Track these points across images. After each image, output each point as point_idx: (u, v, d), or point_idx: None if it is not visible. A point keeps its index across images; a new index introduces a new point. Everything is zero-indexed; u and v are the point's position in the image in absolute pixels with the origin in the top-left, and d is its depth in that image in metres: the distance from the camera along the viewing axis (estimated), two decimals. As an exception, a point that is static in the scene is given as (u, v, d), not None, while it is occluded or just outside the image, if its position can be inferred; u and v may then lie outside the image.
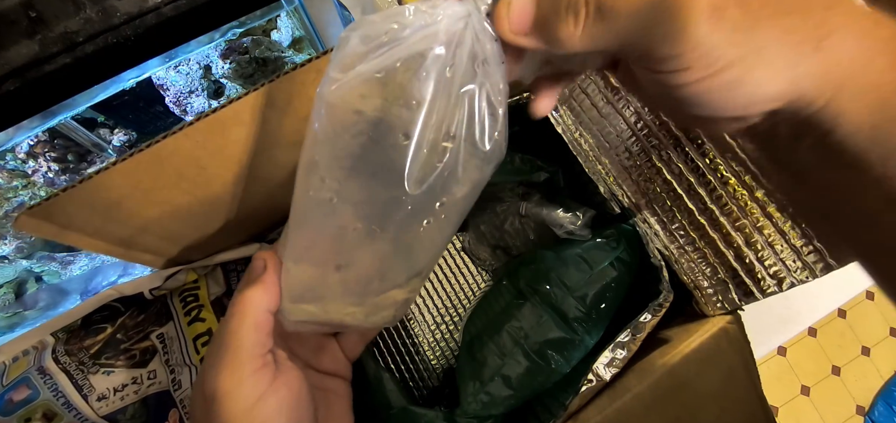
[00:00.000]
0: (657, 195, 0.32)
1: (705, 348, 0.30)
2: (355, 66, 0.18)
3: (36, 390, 0.33)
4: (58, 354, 0.33)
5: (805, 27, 0.16)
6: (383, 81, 0.18)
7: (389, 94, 0.18)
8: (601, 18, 0.17)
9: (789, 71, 0.16)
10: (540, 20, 0.18)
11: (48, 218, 0.25)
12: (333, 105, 0.18)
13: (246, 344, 0.21)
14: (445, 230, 0.22)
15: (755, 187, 0.30)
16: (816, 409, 1.31)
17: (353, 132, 0.18)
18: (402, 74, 0.18)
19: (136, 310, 0.36)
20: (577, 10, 0.17)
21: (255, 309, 0.22)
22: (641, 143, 0.33)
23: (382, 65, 0.17)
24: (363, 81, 0.18)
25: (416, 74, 0.18)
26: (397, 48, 0.17)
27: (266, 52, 0.54)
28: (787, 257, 0.29)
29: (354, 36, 0.18)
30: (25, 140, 0.51)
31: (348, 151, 0.19)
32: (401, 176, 0.18)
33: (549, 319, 0.35)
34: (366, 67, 0.18)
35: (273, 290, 0.22)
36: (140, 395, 0.36)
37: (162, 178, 0.26)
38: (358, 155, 0.19)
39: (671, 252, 0.32)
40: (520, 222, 0.43)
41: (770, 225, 0.29)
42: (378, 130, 0.18)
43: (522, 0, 0.18)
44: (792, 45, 0.16)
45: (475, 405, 0.34)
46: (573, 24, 0.17)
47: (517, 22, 0.18)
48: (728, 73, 0.16)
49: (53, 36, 0.41)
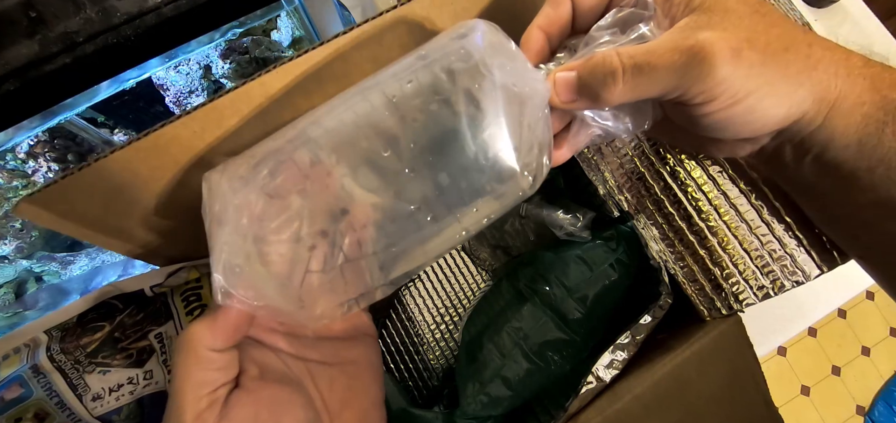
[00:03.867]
0: (656, 199, 0.32)
1: (706, 351, 0.30)
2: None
3: (29, 388, 0.33)
4: (53, 352, 0.33)
5: (798, 60, 0.20)
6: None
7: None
8: (640, 74, 0.20)
9: (791, 97, 0.20)
10: (583, 87, 0.21)
11: (48, 206, 0.25)
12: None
13: (186, 387, 0.20)
14: (450, 238, 0.22)
15: (750, 194, 0.30)
16: (816, 409, 1.31)
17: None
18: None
19: (135, 308, 0.36)
20: (614, 76, 0.20)
21: (196, 347, 0.20)
22: (642, 146, 0.33)
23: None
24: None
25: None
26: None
27: (266, 52, 0.54)
28: (783, 260, 0.29)
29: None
30: (25, 140, 0.51)
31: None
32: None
33: (549, 320, 0.35)
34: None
35: (223, 326, 0.21)
36: (135, 395, 0.36)
37: (160, 168, 0.25)
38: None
39: (669, 255, 0.32)
40: (520, 223, 0.43)
41: (765, 228, 0.29)
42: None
43: (565, 75, 0.22)
44: (792, 76, 0.19)
45: (475, 405, 0.34)
46: (613, 85, 0.20)
47: (563, 93, 0.22)
48: (745, 102, 0.19)
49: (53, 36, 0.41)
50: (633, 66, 0.20)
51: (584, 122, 0.23)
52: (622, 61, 0.20)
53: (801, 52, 0.20)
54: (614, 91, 0.20)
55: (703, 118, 0.21)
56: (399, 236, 0.21)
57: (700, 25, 0.19)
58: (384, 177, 0.21)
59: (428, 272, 0.47)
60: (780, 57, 0.19)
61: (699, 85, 0.19)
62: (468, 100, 0.20)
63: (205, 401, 0.20)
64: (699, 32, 0.19)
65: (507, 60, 0.21)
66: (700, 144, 0.26)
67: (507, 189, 0.21)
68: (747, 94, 0.19)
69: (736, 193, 0.30)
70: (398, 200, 0.21)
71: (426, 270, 0.47)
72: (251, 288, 0.20)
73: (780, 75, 0.19)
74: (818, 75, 0.20)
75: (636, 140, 0.33)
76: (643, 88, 0.20)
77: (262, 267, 0.20)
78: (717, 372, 0.30)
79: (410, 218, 0.21)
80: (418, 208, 0.21)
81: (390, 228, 0.21)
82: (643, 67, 0.19)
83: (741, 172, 0.30)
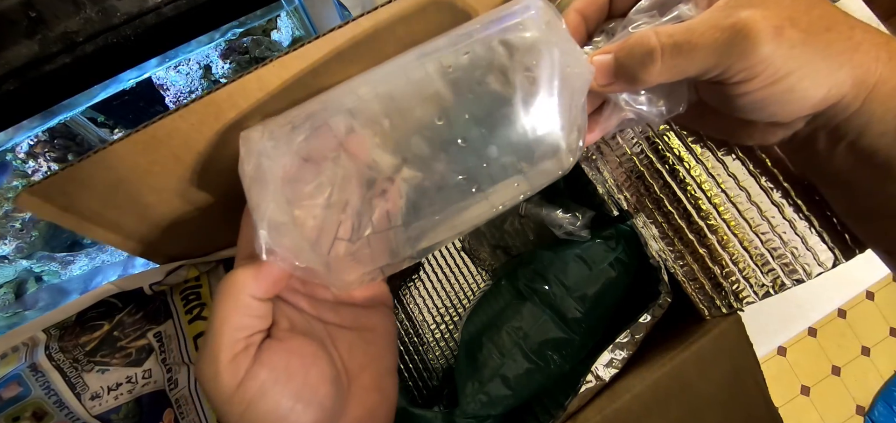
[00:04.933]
0: (655, 197, 0.32)
1: (706, 350, 0.30)
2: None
3: (27, 387, 0.33)
4: (51, 350, 0.33)
5: (840, 41, 0.19)
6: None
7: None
8: (679, 53, 0.20)
9: (831, 78, 0.19)
10: (620, 69, 0.21)
11: (48, 198, 0.25)
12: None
13: (225, 329, 0.20)
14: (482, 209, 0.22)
15: (750, 191, 0.30)
16: (816, 409, 1.31)
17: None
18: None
19: (134, 307, 0.36)
20: (652, 55, 0.20)
21: (239, 292, 0.21)
22: (641, 145, 0.33)
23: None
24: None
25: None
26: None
27: (266, 52, 0.54)
28: (783, 257, 0.29)
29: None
30: (25, 140, 0.51)
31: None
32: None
33: (549, 319, 0.35)
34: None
35: (267, 277, 0.21)
36: (134, 394, 0.36)
37: (158, 161, 0.25)
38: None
39: (669, 254, 0.32)
40: (519, 223, 0.43)
41: (766, 226, 0.29)
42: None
43: (602, 57, 0.22)
44: (832, 57, 0.19)
45: (474, 405, 0.34)
46: (651, 64, 0.20)
47: (600, 76, 0.22)
48: (785, 81, 0.19)
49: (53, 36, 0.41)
50: (672, 45, 0.20)
51: (616, 105, 0.23)
52: (661, 40, 0.20)
53: (843, 33, 0.19)
54: (652, 71, 0.20)
55: (740, 98, 0.20)
56: (432, 208, 0.21)
57: (740, 4, 0.19)
58: (430, 147, 0.21)
59: (428, 272, 0.47)
60: (821, 37, 0.19)
61: (741, 63, 0.19)
62: (524, 76, 0.20)
63: (241, 344, 0.21)
64: (740, 11, 0.19)
65: (561, 40, 0.21)
66: (731, 130, 0.25)
67: (549, 167, 0.21)
68: (788, 73, 0.19)
69: (736, 191, 0.30)
70: (442, 170, 0.21)
71: (426, 270, 0.47)
72: (292, 248, 0.20)
73: (821, 55, 0.19)
74: (859, 57, 0.19)
75: (636, 139, 0.33)
76: (682, 68, 0.20)
77: (297, 229, 0.20)
78: (716, 371, 0.30)
79: (452, 189, 0.21)
80: (462, 179, 0.21)
81: (425, 200, 0.21)
82: (683, 46, 0.19)
83: (741, 168, 0.30)
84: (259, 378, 0.20)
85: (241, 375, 0.20)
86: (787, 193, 0.29)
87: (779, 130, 0.23)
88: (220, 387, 0.20)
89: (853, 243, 0.27)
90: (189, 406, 0.36)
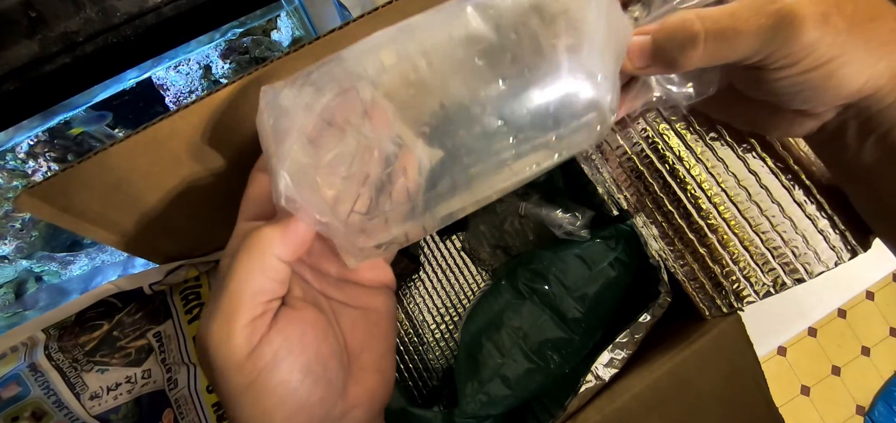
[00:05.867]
0: (655, 197, 0.32)
1: (706, 349, 0.30)
2: None
3: (26, 387, 0.33)
4: (51, 350, 0.33)
5: (882, 32, 0.19)
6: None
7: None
8: (722, 39, 0.19)
9: (870, 68, 0.19)
10: (659, 52, 0.21)
11: (48, 199, 0.25)
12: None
13: (246, 289, 0.19)
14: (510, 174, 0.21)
15: (750, 190, 0.30)
16: (816, 409, 1.31)
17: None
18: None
19: (134, 307, 0.36)
20: (694, 41, 0.19)
21: (263, 252, 0.19)
22: (641, 145, 0.33)
23: None
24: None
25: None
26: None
27: (266, 52, 0.54)
28: (784, 257, 0.29)
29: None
30: (25, 140, 0.51)
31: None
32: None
33: (548, 319, 0.35)
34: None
35: (293, 238, 0.19)
36: (133, 394, 0.36)
37: (159, 162, 0.25)
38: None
39: (669, 254, 0.32)
40: (519, 222, 0.43)
41: (766, 225, 0.29)
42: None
43: (639, 39, 0.21)
44: (874, 47, 0.19)
45: (474, 405, 0.34)
46: (692, 50, 0.20)
47: (637, 58, 0.21)
48: (826, 67, 0.19)
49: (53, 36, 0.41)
50: (716, 30, 0.19)
51: (646, 83, 0.23)
52: (705, 26, 0.19)
53: (887, 24, 0.19)
54: (693, 56, 0.20)
55: (776, 82, 0.20)
56: (466, 162, 0.20)
57: None
58: (468, 90, 0.19)
59: (428, 272, 0.47)
60: (865, 26, 0.19)
61: (784, 49, 0.19)
62: (569, 18, 0.19)
63: (260, 308, 0.19)
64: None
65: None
66: (759, 119, 0.25)
67: (591, 120, 0.20)
68: (830, 59, 0.19)
69: (736, 190, 0.30)
70: (480, 116, 0.19)
71: (426, 270, 0.47)
72: (312, 200, 0.19)
73: (862, 44, 0.19)
74: None
75: (636, 139, 0.33)
76: (724, 53, 0.19)
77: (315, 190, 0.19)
78: (717, 371, 0.30)
79: (489, 138, 0.19)
80: (501, 126, 0.19)
81: (456, 157, 0.20)
82: (726, 32, 0.19)
83: (741, 167, 0.30)
84: (274, 345, 0.19)
85: (256, 340, 0.19)
86: (788, 191, 0.29)
87: (807, 121, 0.23)
88: (230, 351, 0.18)
89: (854, 243, 0.27)
90: (189, 406, 0.36)
